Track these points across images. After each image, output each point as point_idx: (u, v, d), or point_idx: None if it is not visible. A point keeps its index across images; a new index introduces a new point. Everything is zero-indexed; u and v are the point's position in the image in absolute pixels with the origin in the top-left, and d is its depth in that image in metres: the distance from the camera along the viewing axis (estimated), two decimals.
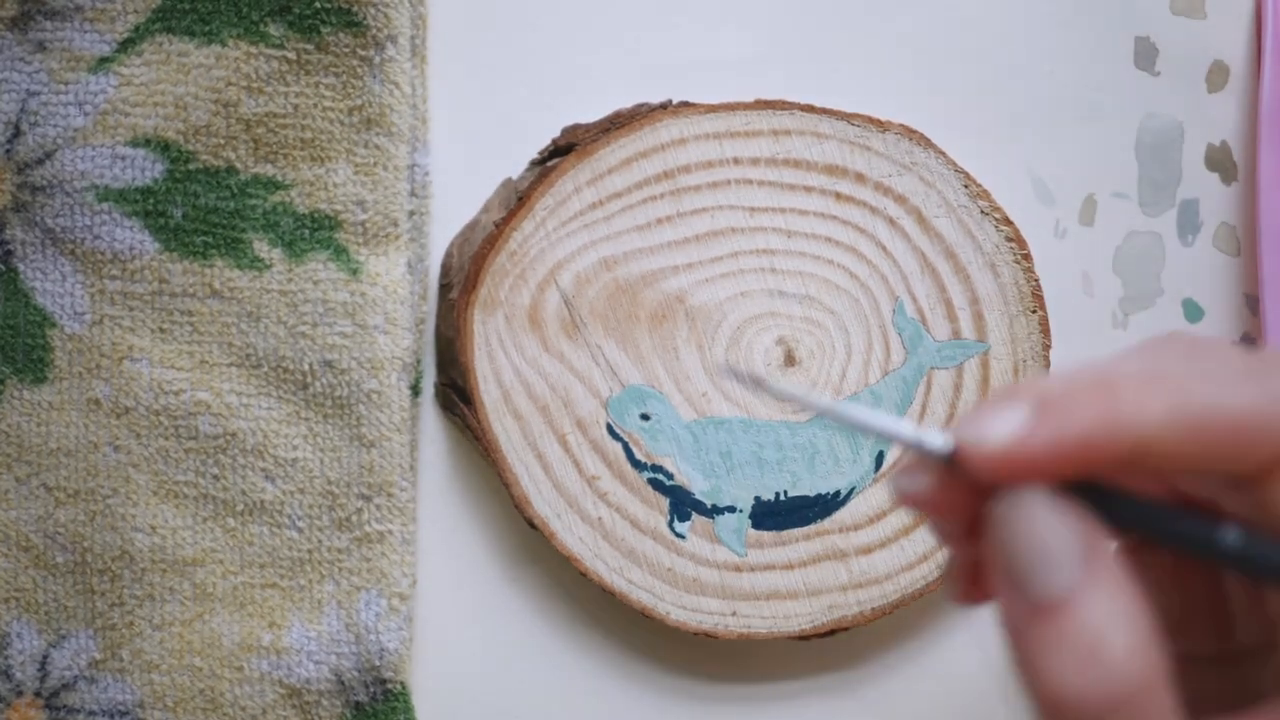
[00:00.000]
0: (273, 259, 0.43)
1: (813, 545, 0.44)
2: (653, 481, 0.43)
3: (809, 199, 0.44)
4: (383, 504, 0.42)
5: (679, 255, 0.43)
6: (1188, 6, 0.49)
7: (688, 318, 0.44)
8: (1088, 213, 0.48)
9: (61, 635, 0.42)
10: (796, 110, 0.44)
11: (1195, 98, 0.49)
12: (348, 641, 0.42)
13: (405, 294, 0.43)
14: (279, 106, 0.42)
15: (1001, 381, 0.44)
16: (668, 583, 0.43)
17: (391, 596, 0.42)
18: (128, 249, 0.42)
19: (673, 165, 0.43)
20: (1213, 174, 0.49)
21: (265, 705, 0.42)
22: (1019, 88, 0.48)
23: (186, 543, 0.43)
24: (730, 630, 0.43)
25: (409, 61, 0.43)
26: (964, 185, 0.44)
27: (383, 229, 0.43)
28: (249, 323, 0.43)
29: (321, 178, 0.43)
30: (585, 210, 0.43)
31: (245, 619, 0.43)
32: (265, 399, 0.43)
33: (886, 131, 0.44)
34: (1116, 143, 0.48)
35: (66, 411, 0.42)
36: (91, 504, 0.42)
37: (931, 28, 0.48)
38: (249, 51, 0.42)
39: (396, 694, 0.42)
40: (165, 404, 0.42)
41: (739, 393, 0.44)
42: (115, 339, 0.42)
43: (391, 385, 0.42)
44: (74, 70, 0.42)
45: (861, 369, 0.44)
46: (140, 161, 0.42)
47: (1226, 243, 0.49)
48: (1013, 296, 0.44)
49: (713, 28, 0.47)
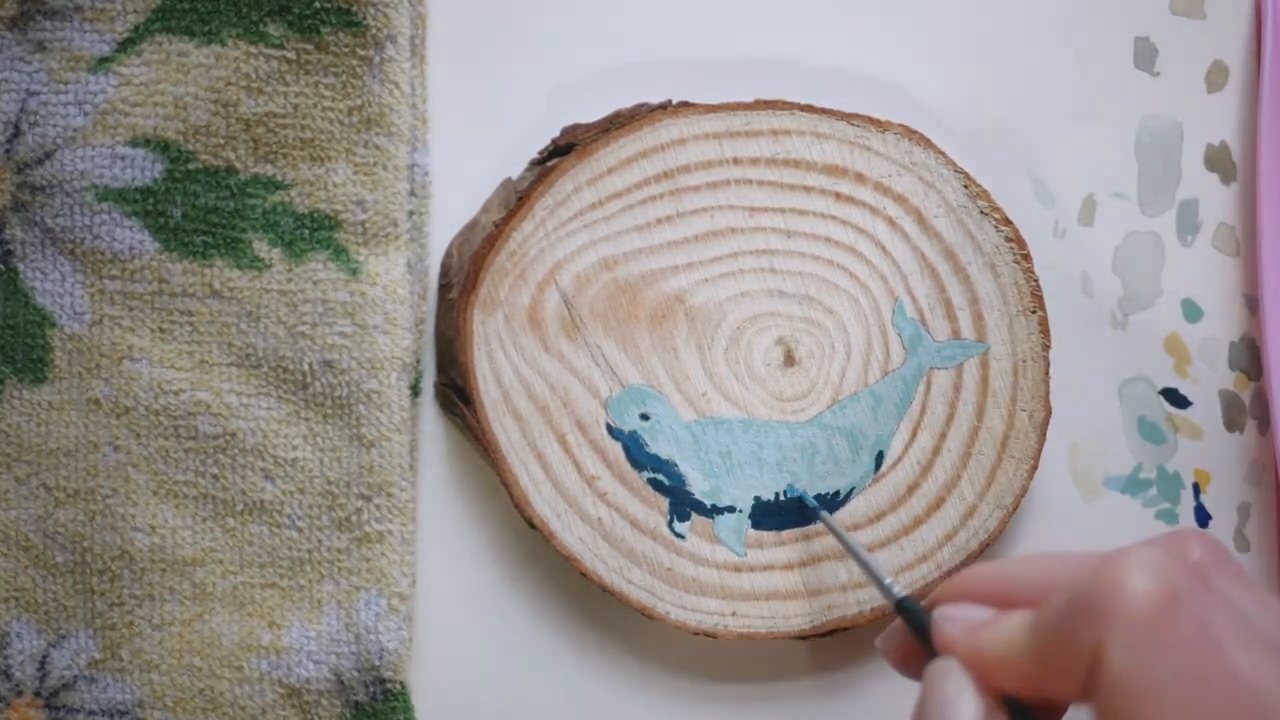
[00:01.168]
0: (272, 259, 0.43)
1: (812, 545, 0.44)
2: (652, 481, 0.43)
3: (809, 199, 0.44)
4: (382, 504, 0.42)
5: (679, 255, 0.43)
6: (1187, 7, 0.49)
7: (687, 318, 0.44)
8: (1087, 213, 0.48)
9: (61, 635, 0.42)
10: (796, 110, 0.44)
11: (1195, 98, 0.49)
12: (347, 641, 0.42)
13: (405, 294, 0.43)
14: (279, 106, 0.42)
15: (1001, 382, 0.44)
16: (667, 583, 0.43)
17: (391, 596, 0.42)
18: (127, 249, 0.42)
19: (672, 165, 0.43)
20: (1212, 174, 0.49)
21: (265, 705, 0.42)
22: (1019, 88, 0.48)
23: (186, 542, 0.43)
24: (730, 630, 0.43)
25: (409, 61, 0.43)
26: (964, 185, 0.44)
27: (382, 229, 0.43)
28: (249, 323, 0.43)
29: (321, 177, 0.43)
30: (585, 210, 0.43)
31: (245, 619, 0.43)
32: (265, 399, 0.43)
33: (886, 131, 0.44)
34: (1116, 143, 0.48)
35: (66, 411, 0.42)
36: (91, 504, 0.42)
37: (932, 27, 0.48)
38: (249, 51, 0.42)
39: (396, 694, 0.42)
40: (165, 404, 0.42)
41: (739, 392, 0.44)
42: (115, 339, 0.42)
43: (391, 385, 0.42)
44: (74, 70, 0.42)
45: (861, 369, 0.44)
46: (140, 161, 0.42)
47: (1226, 243, 0.49)
48: (1012, 297, 0.44)
49: (713, 27, 0.47)
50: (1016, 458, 0.44)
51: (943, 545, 0.44)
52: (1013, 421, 0.44)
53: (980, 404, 0.44)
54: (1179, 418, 0.48)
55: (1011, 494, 0.44)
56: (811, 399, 0.44)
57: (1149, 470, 0.48)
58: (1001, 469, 0.44)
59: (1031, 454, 0.44)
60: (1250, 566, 0.49)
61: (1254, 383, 0.49)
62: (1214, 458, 0.49)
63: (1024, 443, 0.44)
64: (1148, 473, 0.48)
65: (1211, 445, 0.49)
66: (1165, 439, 0.48)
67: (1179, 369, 0.48)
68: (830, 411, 0.44)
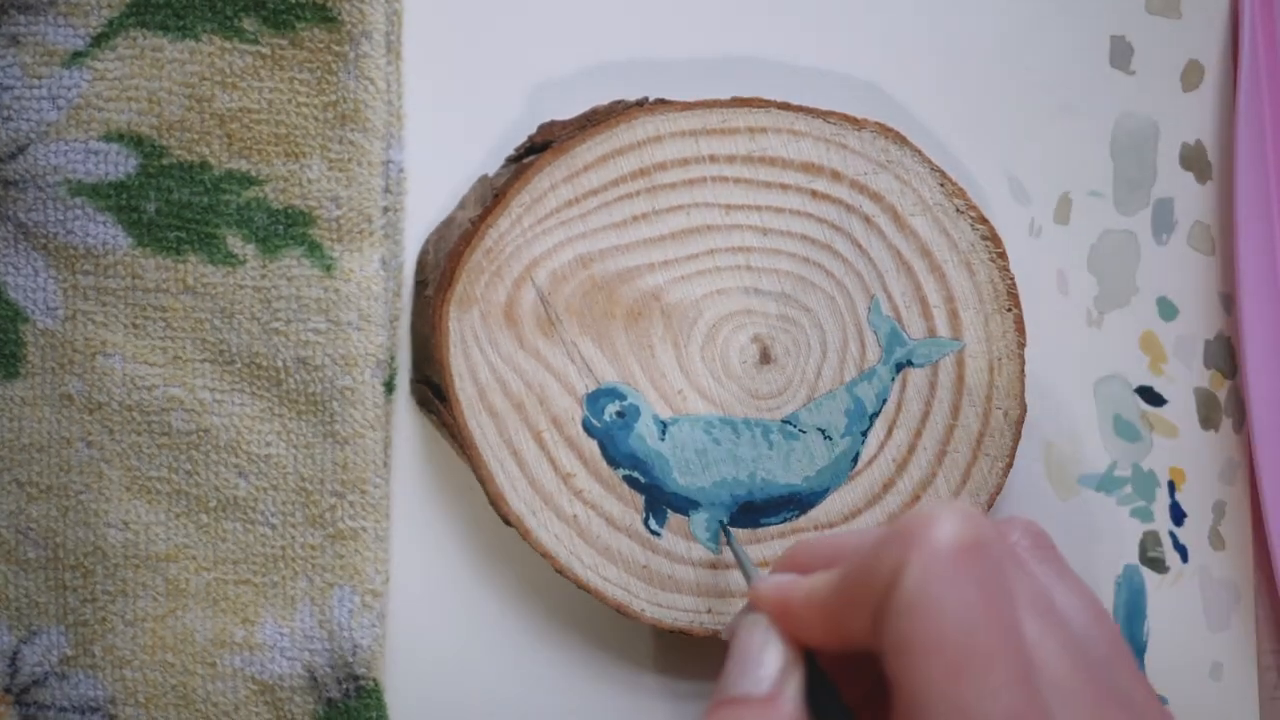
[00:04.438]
0: (246, 255, 0.42)
1: (788, 543, 0.44)
2: (628, 479, 0.43)
3: (785, 196, 0.44)
4: (356, 501, 0.42)
5: (655, 252, 0.43)
6: (1163, 6, 0.49)
7: (663, 315, 0.44)
8: (1063, 211, 0.48)
9: (32, 631, 0.42)
10: (772, 108, 0.44)
11: (1170, 97, 0.49)
12: (320, 638, 0.42)
13: (379, 290, 0.43)
14: (253, 102, 0.42)
15: (976, 379, 0.44)
16: (643, 580, 0.43)
17: (364, 593, 0.42)
18: (101, 244, 0.42)
19: (649, 162, 0.43)
20: (1187, 173, 0.49)
21: (237, 701, 0.42)
22: (995, 86, 0.48)
23: (159, 538, 0.42)
24: (705, 628, 0.43)
25: (384, 57, 0.43)
26: (940, 183, 0.44)
27: (357, 225, 0.43)
28: (222, 319, 0.42)
29: (296, 173, 0.42)
30: (561, 207, 0.43)
31: (218, 615, 0.42)
32: (238, 395, 0.43)
33: (862, 129, 0.44)
34: (1092, 141, 0.48)
35: (39, 407, 0.42)
36: (63, 499, 0.42)
37: (908, 26, 0.48)
38: (223, 46, 0.42)
39: (369, 690, 0.42)
40: (138, 400, 0.42)
41: (714, 390, 0.44)
42: (88, 334, 0.42)
43: (365, 382, 0.42)
44: (47, 64, 0.42)
45: (837, 367, 0.44)
46: (113, 156, 0.42)
47: (1201, 241, 0.49)
48: (988, 294, 0.44)
49: (689, 25, 0.47)
50: (991, 455, 0.44)
51: None
52: (988, 419, 0.44)
53: (955, 402, 0.44)
54: (1154, 416, 0.49)
55: (986, 492, 0.44)
56: (787, 396, 0.44)
57: (1124, 468, 0.48)
58: (977, 467, 0.44)
59: (1006, 452, 0.44)
60: (1225, 564, 0.49)
61: (1229, 381, 0.49)
62: (1189, 456, 0.49)
63: (999, 440, 0.44)
64: (1123, 470, 0.48)
65: (1187, 443, 0.49)
66: (1140, 437, 0.48)
67: (1154, 367, 0.49)
68: (806, 409, 0.44)
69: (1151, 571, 0.48)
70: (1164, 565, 0.48)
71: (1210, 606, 0.49)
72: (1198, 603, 0.49)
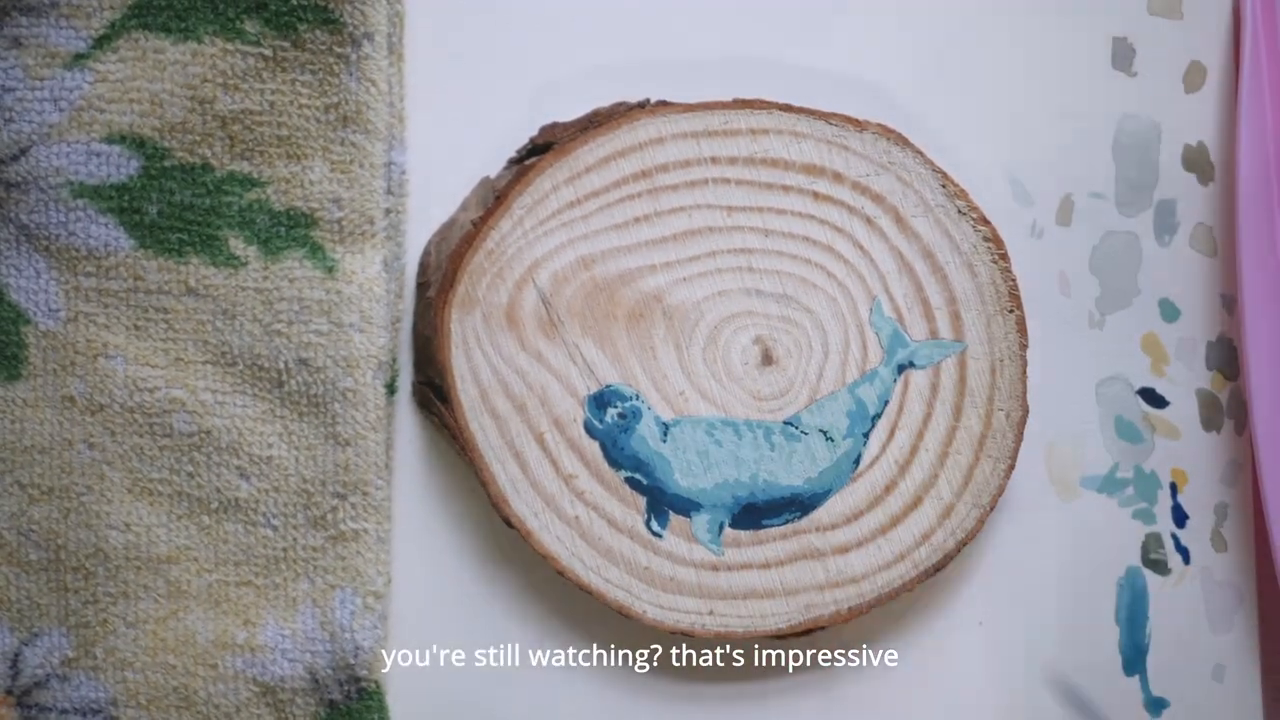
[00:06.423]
0: (248, 256, 0.42)
1: (790, 544, 0.44)
2: (630, 480, 0.43)
3: (786, 198, 0.44)
4: (358, 502, 0.42)
5: (656, 254, 0.43)
6: (1165, 7, 0.49)
7: (665, 317, 0.44)
8: (1065, 213, 0.48)
9: (34, 633, 0.42)
10: (774, 109, 0.44)
11: (1172, 98, 0.49)
12: (322, 640, 0.42)
13: (381, 292, 0.43)
14: (255, 104, 0.42)
15: (978, 381, 0.44)
16: (645, 581, 0.43)
17: (366, 595, 0.42)
18: (102, 246, 0.42)
19: (650, 164, 0.43)
20: (1190, 174, 0.49)
21: (239, 703, 0.42)
22: (997, 88, 0.48)
23: (161, 540, 0.42)
24: (707, 629, 0.43)
25: (386, 59, 0.43)
26: (941, 185, 0.44)
27: (359, 227, 0.43)
28: (224, 320, 0.42)
29: (297, 175, 0.42)
30: (563, 209, 0.43)
31: (219, 617, 0.42)
32: (240, 397, 0.43)
33: (864, 131, 0.44)
34: (1094, 143, 0.48)
35: (41, 409, 0.42)
36: (65, 501, 0.42)
37: (910, 27, 0.48)
38: (225, 48, 0.42)
39: (371, 692, 0.42)
40: (140, 401, 0.42)
41: (716, 391, 0.44)
42: (90, 336, 0.42)
43: (367, 384, 0.42)
44: (49, 66, 0.42)
45: (839, 368, 0.44)
46: (115, 158, 0.42)
47: (1203, 243, 0.49)
48: (990, 296, 0.44)
49: (691, 27, 0.47)
50: (994, 457, 0.44)
51: (920, 544, 0.44)
52: (990, 421, 0.44)
53: (957, 403, 0.44)
54: (1156, 417, 0.49)
55: (989, 493, 0.44)
56: (789, 398, 0.44)
57: (1126, 470, 0.48)
58: (979, 468, 0.44)
59: (1009, 453, 0.44)
60: (1227, 566, 0.49)
61: (1231, 382, 0.49)
62: (1191, 457, 0.49)
63: (1001, 442, 0.44)
64: (1125, 472, 0.48)
65: (1188, 445, 0.49)
66: (1142, 438, 0.48)
67: (1156, 369, 0.49)
68: (808, 411, 0.44)
69: (1153, 573, 0.48)
70: (1166, 567, 0.48)
71: (1212, 608, 0.49)
72: (1200, 604, 0.49)
